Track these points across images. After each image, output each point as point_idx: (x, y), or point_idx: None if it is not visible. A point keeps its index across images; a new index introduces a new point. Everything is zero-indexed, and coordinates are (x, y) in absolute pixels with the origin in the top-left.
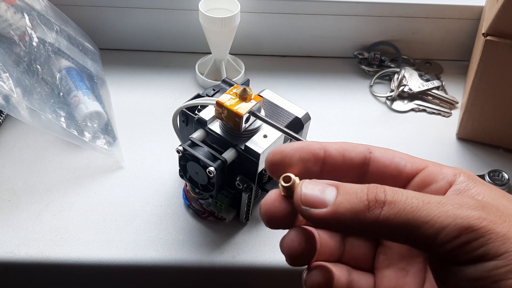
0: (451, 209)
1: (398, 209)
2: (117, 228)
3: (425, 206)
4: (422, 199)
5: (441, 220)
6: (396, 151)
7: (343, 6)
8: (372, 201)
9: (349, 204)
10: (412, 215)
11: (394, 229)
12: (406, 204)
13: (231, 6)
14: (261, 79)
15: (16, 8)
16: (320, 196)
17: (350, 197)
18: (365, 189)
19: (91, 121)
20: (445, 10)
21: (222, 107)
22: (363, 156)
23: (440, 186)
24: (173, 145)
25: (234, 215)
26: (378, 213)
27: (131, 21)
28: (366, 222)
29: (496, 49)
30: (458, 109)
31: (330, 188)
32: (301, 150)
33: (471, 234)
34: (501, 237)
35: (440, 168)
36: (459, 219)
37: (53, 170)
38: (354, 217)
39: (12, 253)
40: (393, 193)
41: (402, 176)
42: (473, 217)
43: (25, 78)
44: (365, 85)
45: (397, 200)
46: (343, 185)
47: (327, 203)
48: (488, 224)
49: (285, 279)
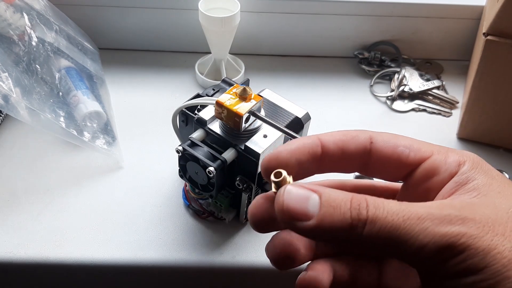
0: (430, 225)
1: (379, 228)
2: (117, 228)
3: (405, 224)
4: (403, 214)
5: (420, 238)
6: (400, 138)
7: (343, 6)
8: (354, 219)
9: (332, 220)
10: (392, 234)
11: (377, 246)
12: (387, 222)
13: (231, 6)
14: (261, 79)
15: (16, 8)
16: (303, 207)
17: (334, 211)
18: (349, 203)
19: (91, 121)
20: (445, 10)
21: (222, 107)
22: (363, 148)
23: (443, 178)
24: (172, 145)
25: (234, 215)
26: (360, 232)
27: (130, 20)
28: (349, 239)
29: (496, 49)
30: (459, 109)
31: (313, 196)
32: (297, 152)
33: (450, 251)
34: (481, 252)
35: (445, 156)
36: (438, 237)
37: (53, 170)
38: (337, 234)
39: (12, 253)
40: (374, 209)
41: (405, 165)
42: (452, 233)
43: (24, 77)
44: (365, 85)
45: (378, 218)
46: (326, 194)
47: (310, 216)
48: (467, 240)
49: (285, 279)
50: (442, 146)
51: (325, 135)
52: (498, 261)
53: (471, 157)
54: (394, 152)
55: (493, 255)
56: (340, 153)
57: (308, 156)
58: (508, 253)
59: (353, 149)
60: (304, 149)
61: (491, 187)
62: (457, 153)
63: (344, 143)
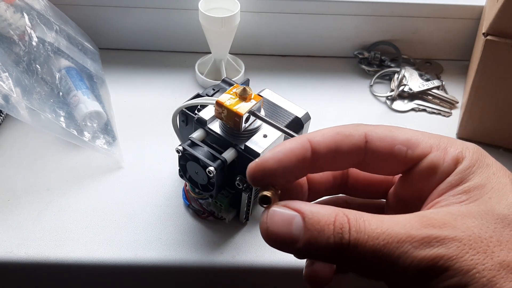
0: (409, 249)
1: (361, 252)
2: (117, 228)
3: (385, 248)
4: (383, 237)
5: (401, 262)
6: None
7: (343, 6)
8: (338, 244)
9: (316, 244)
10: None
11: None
12: (368, 247)
13: (231, 6)
14: (261, 79)
15: (16, 8)
16: (287, 232)
17: (318, 235)
18: (332, 226)
19: (91, 120)
20: (445, 10)
21: (222, 107)
22: (357, 148)
23: (440, 178)
24: (173, 145)
25: (234, 215)
26: (346, 256)
27: (130, 20)
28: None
29: (496, 48)
30: (458, 109)
31: (296, 219)
32: (284, 160)
33: (430, 273)
34: (460, 271)
35: (443, 153)
36: (417, 260)
37: (53, 170)
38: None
39: (12, 253)
40: (356, 232)
41: (403, 163)
42: (430, 257)
43: (24, 77)
44: (365, 85)
45: (359, 242)
46: (309, 213)
47: (295, 239)
48: (446, 262)
49: (285, 279)
50: (441, 138)
51: (316, 136)
52: (477, 281)
53: (471, 152)
54: (391, 151)
55: (471, 275)
56: (332, 155)
57: (296, 162)
58: (487, 273)
59: (347, 149)
60: (291, 156)
61: (483, 190)
62: (457, 148)
63: (337, 145)
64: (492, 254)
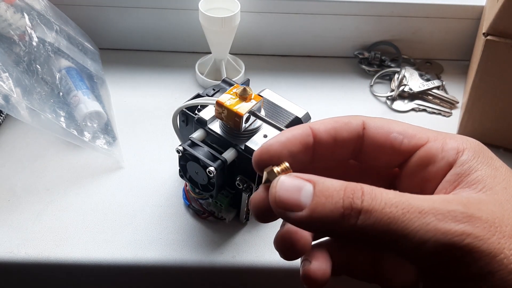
0: (432, 221)
1: (374, 220)
2: (117, 228)
3: (404, 217)
4: (402, 206)
5: (420, 234)
6: (394, 124)
7: (344, 6)
8: (347, 208)
9: (324, 210)
10: (389, 227)
11: (371, 239)
12: (383, 214)
13: (231, 6)
14: (261, 79)
15: (16, 8)
16: (296, 198)
17: (326, 201)
18: (342, 192)
19: (91, 121)
20: (445, 10)
21: (222, 107)
22: (356, 134)
23: (439, 167)
24: (173, 145)
25: (234, 215)
26: (353, 223)
27: (131, 21)
28: (341, 230)
29: (496, 48)
30: (459, 109)
31: (307, 186)
32: (288, 144)
33: (452, 252)
34: (486, 256)
35: (442, 144)
36: (440, 234)
37: (53, 170)
38: (329, 224)
39: (12, 253)
40: (370, 199)
41: (399, 153)
42: (455, 232)
43: (24, 78)
44: (366, 85)
45: (374, 209)
46: (320, 183)
47: (302, 206)
48: (472, 242)
49: (285, 279)
50: (439, 132)
51: (316, 124)
52: (504, 268)
53: (471, 144)
54: (387, 139)
55: (499, 260)
56: (332, 141)
57: (300, 147)
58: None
59: (346, 136)
60: (295, 140)
61: (496, 180)
62: (455, 140)
63: (336, 131)
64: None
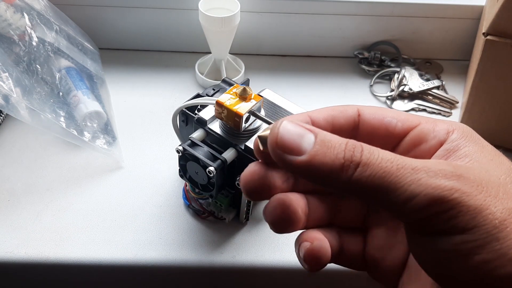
0: (424, 177)
1: (370, 172)
2: (117, 228)
3: (398, 172)
4: (397, 163)
5: (411, 188)
6: (387, 110)
7: (343, 6)
8: (347, 160)
9: (324, 158)
10: (383, 180)
11: (365, 191)
12: (379, 168)
13: (231, 6)
14: (261, 79)
15: (16, 8)
16: (297, 142)
17: (327, 151)
18: (343, 145)
19: (91, 121)
20: (445, 10)
21: (222, 107)
22: (352, 121)
23: (431, 145)
24: (173, 145)
25: (234, 215)
26: (350, 174)
27: (130, 20)
28: (338, 181)
29: (496, 48)
30: (459, 109)
31: (309, 135)
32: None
33: (441, 205)
34: (472, 210)
35: (433, 125)
36: (431, 188)
37: (53, 170)
38: (327, 173)
39: (12, 253)
40: (369, 153)
41: (393, 135)
42: (445, 187)
43: (24, 77)
44: (365, 85)
45: (371, 162)
46: (322, 134)
47: (303, 151)
48: (460, 196)
49: (285, 279)
50: (430, 117)
51: (314, 112)
52: (489, 222)
53: (460, 127)
54: (382, 123)
55: (484, 215)
56: (330, 128)
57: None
58: (499, 215)
59: (343, 122)
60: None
61: (482, 154)
62: (445, 123)
63: (334, 118)
64: (502, 200)
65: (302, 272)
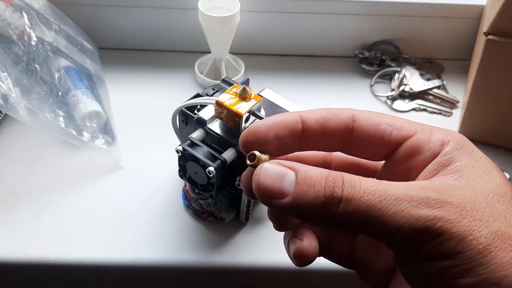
0: (407, 207)
1: (353, 207)
2: (116, 228)
3: (381, 204)
4: (379, 194)
5: (395, 221)
6: (383, 116)
7: (344, 5)
8: (329, 197)
9: (306, 198)
10: (367, 214)
11: (351, 225)
12: (361, 202)
13: (231, 5)
14: (261, 79)
15: (15, 7)
16: (278, 185)
17: (308, 189)
18: (324, 181)
19: (90, 120)
20: (446, 9)
21: (222, 107)
22: (345, 125)
23: (425, 158)
24: (172, 145)
25: (234, 215)
26: (334, 211)
27: (130, 20)
28: (323, 217)
29: (497, 48)
30: (459, 109)
31: (289, 174)
32: (276, 127)
33: (425, 235)
34: (456, 237)
35: (428, 135)
36: (414, 220)
37: (52, 170)
38: (312, 211)
39: (11, 254)
40: (350, 187)
41: (388, 144)
42: (428, 217)
43: (23, 77)
44: (366, 85)
45: (353, 197)
46: (302, 171)
47: (285, 193)
48: (444, 225)
49: (285, 279)
50: (426, 125)
51: (307, 112)
52: (473, 248)
53: (455, 137)
54: (377, 130)
55: (468, 241)
56: (321, 131)
57: (288, 132)
58: (483, 240)
59: (335, 126)
60: (283, 124)
61: (473, 170)
62: (441, 132)
63: (326, 120)
64: (487, 223)
65: (302, 272)
